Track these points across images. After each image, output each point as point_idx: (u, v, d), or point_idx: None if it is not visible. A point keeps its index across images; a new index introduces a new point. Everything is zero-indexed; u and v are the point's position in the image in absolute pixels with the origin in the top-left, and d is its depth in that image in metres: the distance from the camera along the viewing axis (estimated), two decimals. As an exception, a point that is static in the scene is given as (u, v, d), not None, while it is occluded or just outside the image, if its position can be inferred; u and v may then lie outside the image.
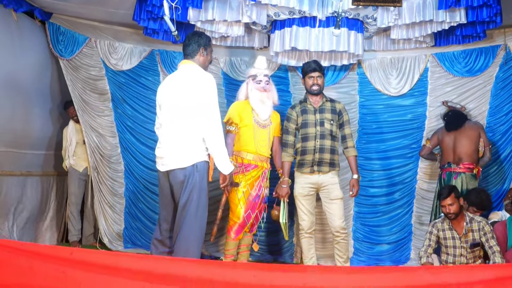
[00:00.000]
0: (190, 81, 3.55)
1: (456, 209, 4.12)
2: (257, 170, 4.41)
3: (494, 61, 5.07)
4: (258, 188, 4.41)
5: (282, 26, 4.85)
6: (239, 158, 4.42)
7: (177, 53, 5.43)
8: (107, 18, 5.16)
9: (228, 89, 5.41)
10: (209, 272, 3.07)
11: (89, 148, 5.49)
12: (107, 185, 5.55)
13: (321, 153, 4.36)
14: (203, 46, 3.67)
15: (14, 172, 4.93)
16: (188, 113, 3.50)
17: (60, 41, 5.24)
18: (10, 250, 3.17)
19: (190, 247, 3.45)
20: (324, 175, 4.38)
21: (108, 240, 5.52)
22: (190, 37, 3.71)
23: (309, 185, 4.40)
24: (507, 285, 2.91)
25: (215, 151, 3.50)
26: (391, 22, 4.66)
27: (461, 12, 4.49)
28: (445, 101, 5.20)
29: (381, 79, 5.35)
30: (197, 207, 3.50)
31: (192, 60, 3.66)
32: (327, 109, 4.46)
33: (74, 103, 5.40)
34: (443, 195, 4.18)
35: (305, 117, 4.44)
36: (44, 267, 3.13)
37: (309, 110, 4.46)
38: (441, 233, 4.23)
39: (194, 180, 3.48)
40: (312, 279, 3.01)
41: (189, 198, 3.49)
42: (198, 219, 3.50)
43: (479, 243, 4.12)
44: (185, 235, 3.46)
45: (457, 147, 4.90)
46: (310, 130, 4.41)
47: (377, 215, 5.43)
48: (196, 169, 3.49)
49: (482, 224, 4.11)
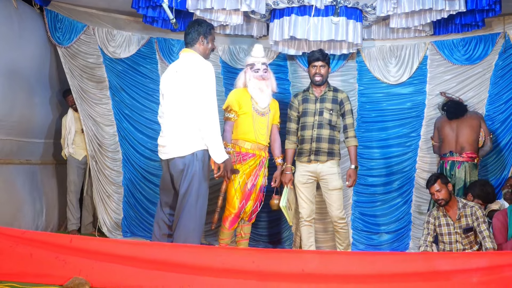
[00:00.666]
0: (188, 70, 3.56)
1: (445, 195, 4.16)
2: (255, 159, 4.38)
3: (493, 49, 5.06)
4: (254, 178, 4.39)
5: (281, 15, 4.83)
6: (237, 147, 4.39)
7: (175, 41, 5.41)
8: (106, 5, 5.14)
9: (227, 77, 5.40)
10: (208, 259, 3.09)
11: (87, 136, 5.49)
12: (105, 174, 5.55)
13: (318, 142, 4.38)
14: (202, 35, 3.67)
15: (13, 160, 4.94)
16: (187, 102, 3.52)
17: (58, 28, 5.22)
18: (11, 238, 3.20)
19: (189, 236, 3.47)
20: (322, 164, 4.39)
21: (107, 229, 5.53)
22: (190, 25, 3.72)
23: (307, 173, 4.42)
24: (502, 272, 2.94)
25: (209, 139, 3.50)
26: (390, 11, 4.64)
27: (461, 0, 4.47)
28: (443, 92, 5.20)
29: (380, 67, 5.34)
30: (197, 197, 3.52)
31: (192, 48, 3.67)
32: (328, 98, 4.46)
33: (72, 91, 5.39)
34: (430, 182, 4.23)
35: (305, 106, 4.46)
36: (44, 255, 3.15)
37: (310, 99, 4.47)
38: (436, 221, 4.27)
39: (194, 169, 3.50)
40: (310, 265, 3.03)
41: (189, 187, 3.50)
42: (198, 208, 3.52)
43: (472, 227, 4.15)
44: (184, 224, 3.49)
45: (459, 136, 4.90)
46: (308, 119, 4.43)
47: (376, 204, 5.44)
48: (195, 158, 3.51)
49: (474, 209, 4.14)
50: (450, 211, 4.22)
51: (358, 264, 3.08)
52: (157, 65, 5.45)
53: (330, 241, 5.18)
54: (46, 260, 3.12)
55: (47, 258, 3.12)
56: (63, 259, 3.08)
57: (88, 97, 5.43)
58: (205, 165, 3.56)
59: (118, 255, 3.10)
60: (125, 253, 3.11)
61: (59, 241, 3.22)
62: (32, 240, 3.19)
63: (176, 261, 3.07)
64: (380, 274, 2.99)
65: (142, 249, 3.19)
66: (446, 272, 2.95)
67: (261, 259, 3.07)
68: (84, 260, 3.08)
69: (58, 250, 3.11)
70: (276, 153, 4.60)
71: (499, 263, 2.97)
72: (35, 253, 3.12)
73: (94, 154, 5.52)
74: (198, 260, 3.06)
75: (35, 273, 3.10)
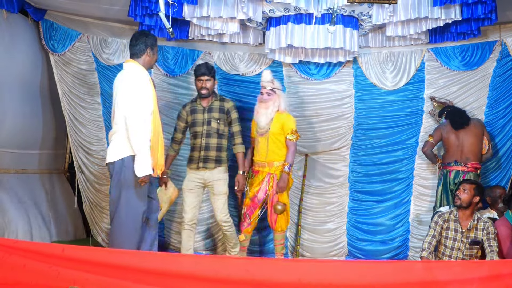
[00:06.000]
0: (121, 79, 3.70)
1: (465, 199, 4.16)
2: (259, 175, 4.75)
3: (490, 56, 5.07)
4: (263, 191, 4.71)
5: (277, 23, 4.85)
6: (252, 166, 4.88)
7: (170, 47, 5.43)
8: (102, 14, 5.15)
9: (221, 83, 5.40)
10: (201, 268, 3.06)
11: (73, 146, 5.46)
12: (93, 185, 5.49)
13: (206, 150, 4.67)
14: (150, 46, 3.77)
15: (8, 170, 4.90)
16: (118, 111, 3.64)
17: (52, 36, 5.23)
18: (4, 248, 3.16)
19: (123, 241, 3.57)
20: (210, 171, 4.67)
21: (101, 239, 5.49)
22: (137, 37, 3.80)
23: (196, 179, 4.70)
24: (502, 282, 2.91)
25: (134, 150, 3.58)
26: (386, 19, 4.67)
27: (456, 9, 4.50)
28: (433, 97, 5.20)
29: (377, 73, 5.32)
30: (126, 204, 3.60)
31: (137, 59, 3.76)
32: (215, 108, 4.73)
33: (60, 99, 5.35)
34: (468, 180, 4.34)
35: (194, 116, 4.74)
36: (37, 265, 3.12)
37: (198, 109, 4.74)
38: (445, 224, 4.24)
39: (122, 175, 3.60)
40: (307, 274, 3.00)
41: (118, 193, 3.62)
42: (127, 215, 3.61)
43: (479, 242, 4.14)
44: (116, 231, 3.62)
45: (465, 146, 4.89)
46: (198, 128, 4.72)
47: (373, 212, 5.40)
48: (123, 164, 3.60)
49: (488, 224, 4.15)
50: (463, 219, 4.20)
51: (356, 273, 3.05)
52: (150, 72, 5.41)
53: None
54: (39, 270, 3.08)
55: (41, 269, 3.08)
56: (56, 270, 3.04)
57: (78, 101, 5.38)
58: (134, 171, 3.58)
59: (111, 265, 3.07)
60: (119, 262, 3.09)
61: (52, 251, 3.19)
62: (25, 250, 3.15)
63: (171, 271, 3.04)
64: (379, 284, 2.96)
65: (135, 259, 3.16)
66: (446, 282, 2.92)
67: (256, 268, 3.05)
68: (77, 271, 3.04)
69: (51, 261, 3.08)
70: (288, 160, 4.72)
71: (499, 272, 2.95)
72: (28, 264, 3.08)
73: (80, 165, 5.47)
74: (192, 270, 3.03)
75: (28, 283, 3.06)
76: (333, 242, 5.43)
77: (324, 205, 5.45)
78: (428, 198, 5.26)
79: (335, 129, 5.38)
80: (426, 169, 5.32)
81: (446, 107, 5.10)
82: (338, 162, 5.45)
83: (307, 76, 5.37)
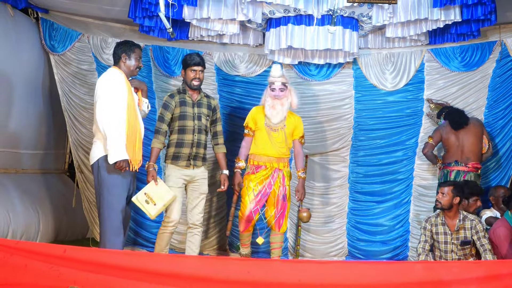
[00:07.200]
0: (97, 83, 3.93)
1: (445, 202, 4.17)
2: (266, 170, 4.52)
3: (490, 57, 5.07)
4: (268, 186, 4.50)
5: (277, 24, 4.86)
6: (252, 161, 4.58)
7: (170, 48, 5.43)
8: (103, 15, 5.16)
9: (221, 84, 5.39)
10: (203, 270, 3.07)
11: (73, 146, 5.47)
12: (92, 184, 5.48)
13: (197, 147, 4.39)
14: (124, 52, 3.95)
15: (8, 170, 4.91)
16: (95, 113, 3.83)
17: (52, 36, 5.24)
18: (4, 248, 3.17)
19: (106, 240, 3.76)
20: (198, 169, 4.43)
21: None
22: (115, 46, 4.06)
23: (183, 177, 4.37)
24: (501, 282, 2.92)
25: (107, 139, 3.72)
26: (386, 21, 4.68)
27: (456, 10, 4.51)
28: (429, 99, 5.21)
29: (376, 74, 5.33)
30: (105, 204, 3.78)
31: (117, 66, 3.98)
32: (204, 104, 4.46)
33: (60, 99, 5.36)
34: (446, 183, 4.30)
35: (183, 109, 4.37)
36: (39, 266, 3.13)
37: (188, 102, 4.40)
38: (434, 228, 4.26)
39: (100, 176, 3.79)
40: (307, 275, 3.01)
41: (99, 194, 3.81)
42: (106, 217, 3.77)
43: (470, 241, 4.16)
44: (101, 232, 3.82)
45: (465, 146, 4.89)
46: (188, 123, 4.36)
47: (373, 212, 5.41)
48: (98, 164, 3.78)
49: (474, 222, 4.15)
50: (449, 221, 4.22)
51: (356, 274, 3.06)
52: (151, 73, 5.45)
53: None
54: (41, 271, 3.09)
55: (42, 269, 3.09)
56: (57, 270, 3.05)
57: (78, 101, 5.38)
58: (112, 171, 3.75)
59: (112, 265, 3.08)
60: (119, 263, 3.09)
61: (53, 251, 3.20)
62: (26, 251, 3.16)
63: (172, 272, 3.05)
64: (379, 284, 2.97)
65: (136, 260, 3.17)
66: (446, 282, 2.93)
67: (257, 269, 3.05)
68: (78, 270, 3.05)
69: (52, 261, 3.09)
70: (298, 166, 4.65)
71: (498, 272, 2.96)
72: (30, 264, 3.09)
73: (79, 164, 5.48)
74: (194, 270, 3.04)
75: (30, 283, 3.07)
76: (333, 243, 5.44)
77: (324, 206, 5.46)
78: (428, 199, 5.27)
79: (335, 130, 5.40)
80: (425, 169, 5.33)
81: (444, 108, 5.11)
82: (338, 163, 5.47)
83: (307, 77, 5.40)
